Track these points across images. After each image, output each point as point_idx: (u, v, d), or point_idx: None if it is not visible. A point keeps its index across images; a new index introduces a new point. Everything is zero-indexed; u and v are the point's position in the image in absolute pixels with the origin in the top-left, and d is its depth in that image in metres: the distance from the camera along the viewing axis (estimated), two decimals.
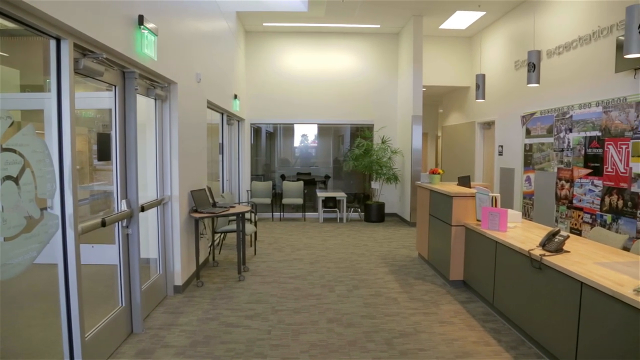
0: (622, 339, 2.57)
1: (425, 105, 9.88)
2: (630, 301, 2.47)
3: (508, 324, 4.11)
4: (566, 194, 6.51)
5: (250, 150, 10.38)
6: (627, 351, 2.53)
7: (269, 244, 7.54)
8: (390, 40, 10.36)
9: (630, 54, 3.95)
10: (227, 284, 5.29)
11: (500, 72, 8.86)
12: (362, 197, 10.76)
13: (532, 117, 7.51)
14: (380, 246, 7.40)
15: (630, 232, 5.24)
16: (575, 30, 6.44)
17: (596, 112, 5.87)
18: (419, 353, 3.54)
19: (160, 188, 4.70)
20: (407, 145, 9.54)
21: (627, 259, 3.31)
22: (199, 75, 5.55)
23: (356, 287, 5.19)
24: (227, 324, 4.08)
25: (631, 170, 5.28)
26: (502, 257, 4.12)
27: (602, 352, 2.74)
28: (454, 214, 5.10)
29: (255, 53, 10.15)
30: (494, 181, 9.08)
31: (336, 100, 10.35)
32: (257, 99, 10.18)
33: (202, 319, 4.18)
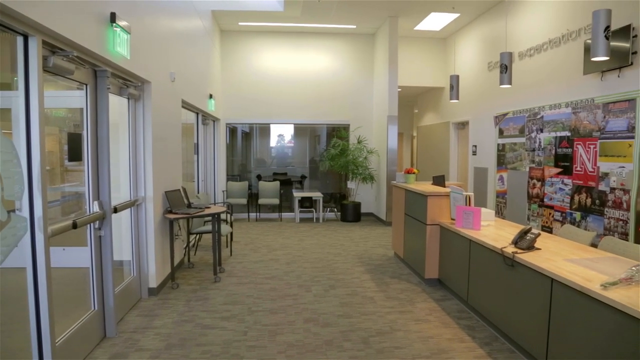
0: (590, 333, 2.64)
1: (400, 106, 9.97)
2: (598, 296, 2.54)
3: (482, 321, 4.17)
4: (537, 192, 6.65)
5: (226, 150, 10.30)
6: (595, 345, 2.61)
7: (245, 244, 7.50)
8: (366, 40, 10.42)
9: (596, 56, 4.06)
10: (202, 285, 5.23)
11: (474, 73, 9.00)
12: (338, 197, 10.79)
13: (504, 118, 7.66)
14: (356, 246, 7.43)
15: (597, 229, 5.39)
16: (545, 33, 6.59)
17: (566, 112, 6.02)
18: (395, 351, 3.57)
19: (134, 189, 4.63)
20: (382, 145, 9.61)
21: (595, 255, 3.40)
22: (173, 74, 5.48)
23: (332, 287, 5.21)
24: (203, 326, 4.04)
25: (599, 169, 5.43)
26: (476, 255, 4.19)
27: (572, 346, 2.81)
28: (429, 213, 5.16)
29: (231, 52, 10.08)
30: (468, 180, 9.23)
31: (312, 100, 10.35)
32: (232, 99, 10.11)
33: (177, 321, 4.13)
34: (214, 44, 8.86)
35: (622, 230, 5.08)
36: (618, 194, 5.15)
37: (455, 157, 10.34)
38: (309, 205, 10.06)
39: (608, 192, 5.29)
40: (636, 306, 2.29)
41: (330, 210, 10.62)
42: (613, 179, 5.22)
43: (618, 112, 5.15)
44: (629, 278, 2.65)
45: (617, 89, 5.23)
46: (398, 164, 9.68)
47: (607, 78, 5.38)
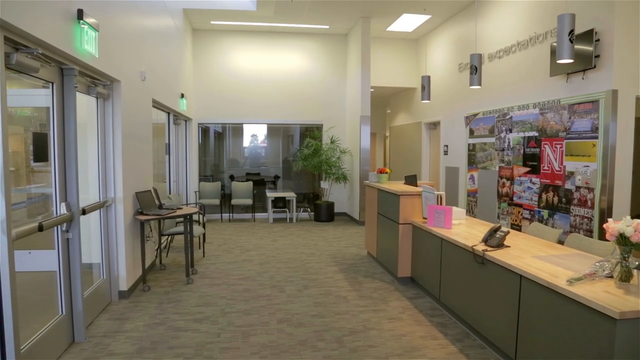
0: (557, 327, 2.72)
1: (373, 106, 10.05)
2: (564, 291, 2.62)
3: (454, 318, 4.24)
4: (507, 191, 6.80)
5: (198, 150, 10.18)
6: (562, 338, 2.68)
7: (218, 245, 7.43)
8: (339, 41, 10.45)
9: (562, 59, 4.17)
10: (175, 287, 5.16)
11: (445, 74, 9.14)
12: (311, 197, 10.80)
13: (475, 118, 7.80)
14: (329, 245, 7.45)
15: (564, 227, 5.54)
16: (514, 36, 6.74)
17: (533, 113, 6.17)
18: (368, 350, 3.60)
19: (103, 190, 4.53)
20: (355, 145, 9.66)
21: (561, 252, 3.50)
22: (143, 73, 5.39)
23: (306, 287, 5.21)
24: (175, 328, 3.99)
25: (565, 168, 5.58)
26: (448, 253, 4.25)
27: (540, 341, 2.89)
28: (401, 212, 5.21)
29: (203, 51, 9.97)
30: (440, 180, 9.36)
31: (285, 100, 10.33)
32: (205, 99, 10.00)
33: (148, 324, 4.06)
34: (185, 42, 8.75)
35: (587, 227, 5.24)
36: (583, 193, 5.31)
37: (427, 157, 10.48)
38: (282, 205, 10.04)
39: (574, 191, 5.44)
40: (599, 300, 2.37)
41: (304, 210, 10.61)
42: (578, 178, 5.37)
43: (583, 113, 5.31)
44: (593, 273, 2.73)
45: (582, 90, 5.39)
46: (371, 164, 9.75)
47: (572, 80, 5.54)
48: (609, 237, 2.62)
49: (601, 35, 5.11)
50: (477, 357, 3.47)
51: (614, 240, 2.63)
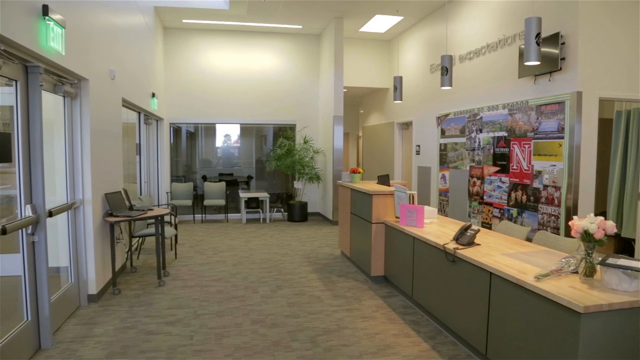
0: (526, 322, 2.78)
1: (346, 106, 10.10)
2: (532, 287, 2.68)
3: (426, 316, 4.29)
4: (478, 190, 6.92)
5: (170, 150, 10.04)
6: (531, 333, 2.74)
7: (190, 246, 7.34)
8: (312, 41, 10.46)
9: (529, 61, 4.27)
10: (146, 290, 5.08)
11: (417, 75, 9.24)
12: (285, 197, 10.77)
13: (446, 118, 7.91)
14: (303, 245, 7.45)
15: (532, 224, 5.68)
16: (483, 38, 6.87)
17: (503, 114, 6.30)
18: (342, 349, 3.61)
19: (71, 191, 4.42)
20: (328, 145, 9.68)
21: (529, 249, 3.58)
22: (113, 71, 5.28)
23: (280, 287, 5.19)
24: (147, 332, 3.92)
25: (533, 167, 5.72)
26: (420, 252, 4.30)
27: (510, 336, 2.95)
28: (374, 212, 5.25)
29: (175, 50, 9.83)
30: (412, 179, 9.47)
31: (259, 100, 10.28)
32: (176, 98, 9.87)
33: (119, 328, 3.98)
34: (156, 41, 8.61)
35: (554, 225, 5.38)
36: (550, 191, 5.45)
37: (400, 157, 10.58)
38: (255, 205, 9.99)
39: (541, 189, 5.58)
40: (565, 295, 2.43)
41: (277, 211, 10.58)
42: (546, 177, 5.51)
43: (550, 113, 5.45)
44: (559, 269, 2.81)
45: (549, 92, 5.53)
46: (344, 164, 9.79)
47: (540, 82, 5.68)
48: (574, 234, 2.70)
49: (566, 39, 5.26)
50: (449, 354, 3.53)
51: (578, 237, 2.71)
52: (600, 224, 2.61)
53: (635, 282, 2.50)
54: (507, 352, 2.97)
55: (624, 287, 2.51)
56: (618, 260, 2.56)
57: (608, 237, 2.68)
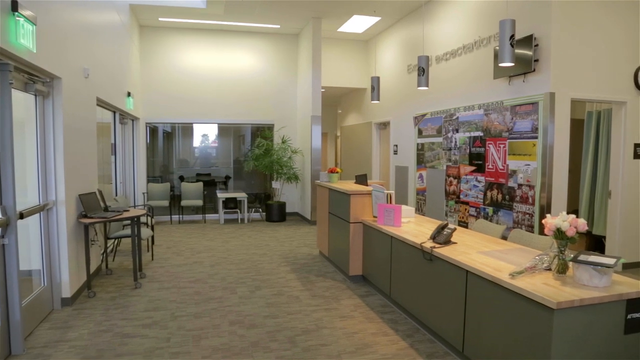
0: (502, 319, 2.83)
1: (324, 106, 10.12)
2: (507, 285, 2.73)
3: (404, 314, 4.33)
4: (454, 189, 7.01)
5: (146, 150, 9.90)
6: (506, 329, 2.79)
7: (167, 248, 7.25)
8: (290, 41, 10.44)
9: (503, 62, 4.34)
10: (122, 292, 5.00)
11: (394, 75, 9.31)
12: (263, 197, 10.73)
13: (423, 118, 7.99)
14: (281, 245, 7.43)
15: (507, 223, 5.78)
16: (460, 39, 6.96)
17: (478, 114, 6.39)
18: (321, 349, 3.61)
19: (44, 192, 4.32)
20: (307, 145, 9.68)
21: (504, 247, 3.65)
22: (87, 70, 5.18)
23: (258, 288, 5.17)
24: (123, 335, 3.86)
25: (508, 167, 5.82)
26: (397, 251, 4.33)
27: (486, 332, 3.00)
28: (352, 212, 5.27)
29: (151, 49, 9.69)
30: (390, 179, 9.54)
31: (236, 99, 10.22)
32: (153, 97, 9.74)
33: (94, 332, 3.91)
34: (132, 39, 8.48)
35: (529, 223, 5.48)
36: (525, 190, 5.55)
37: (378, 157, 10.65)
38: (233, 206, 9.92)
39: (516, 188, 5.69)
40: (538, 292, 2.48)
41: (255, 211, 10.54)
42: (520, 176, 5.62)
43: (524, 114, 5.56)
44: (533, 267, 2.86)
45: (523, 92, 5.63)
46: (322, 164, 9.80)
47: (514, 83, 5.78)
48: (547, 231, 2.76)
49: (540, 41, 5.37)
50: (426, 352, 3.56)
51: (551, 235, 2.76)
52: (572, 222, 2.67)
53: (605, 277, 2.57)
54: (483, 349, 3.02)
55: (595, 282, 2.57)
56: (589, 257, 2.62)
57: (580, 235, 2.74)
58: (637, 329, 2.56)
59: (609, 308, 2.49)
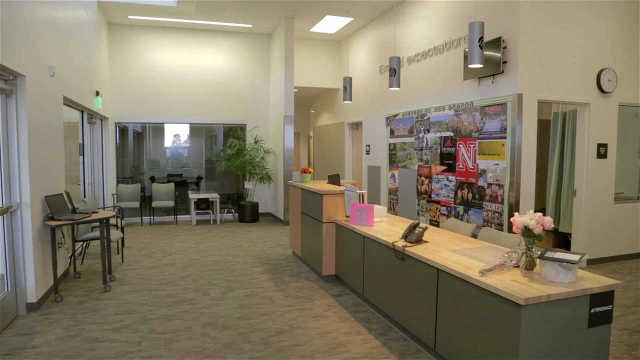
0: (472, 316, 2.88)
1: (297, 106, 10.10)
2: (476, 282, 2.78)
3: (377, 313, 4.36)
4: (426, 189, 7.10)
5: (116, 151, 9.70)
6: (477, 326, 2.85)
7: (138, 250, 7.12)
8: (262, 40, 10.40)
9: (473, 64, 4.42)
10: (91, 296, 4.89)
11: (367, 76, 9.38)
12: (235, 198, 10.66)
13: (395, 119, 8.07)
14: (254, 246, 7.40)
15: (478, 221, 5.89)
16: (431, 40, 7.05)
17: (449, 114, 6.49)
18: (294, 349, 3.61)
19: (7, 194, 4.18)
20: (279, 145, 9.66)
21: (474, 245, 3.72)
22: (53, 68, 5.04)
23: (231, 289, 5.13)
24: (92, 340, 3.77)
25: (478, 166, 5.93)
26: (370, 250, 4.37)
27: (457, 329, 3.05)
28: (324, 212, 5.28)
29: (121, 47, 9.50)
30: (362, 179, 9.59)
31: (208, 99, 10.12)
32: (123, 97, 9.55)
33: (61, 337, 3.81)
34: (100, 37, 8.30)
35: (498, 221, 5.60)
36: (494, 189, 5.67)
37: (350, 156, 10.70)
38: (205, 206, 9.82)
39: (486, 187, 5.80)
40: (507, 289, 2.54)
41: (228, 212, 10.46)
42: (490, 175, 5.73)
43: (493, 114, 5.67)
44: (502, 264, 2.93)
45: (492, 94, 5.75)
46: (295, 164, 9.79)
47: (483, 84, 5.90)
48: (515, 229, 2.82)
49: (508, 43, 5.49)
50: (399, 350, 3.60)
51: (519, 233, 2.83)
52: (539, 220, 2.74)
53: (571, 273, 2.64)
54: (455, 345, 3.07)
55: (561, 278, 2.64)
56: (555, 254, 2.70)
57: (547, 232, 2.82)
58: (600, 322, 2.65)
59: (573, 303, 2.57)
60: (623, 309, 4.52)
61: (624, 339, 3.82)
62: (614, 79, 6.01)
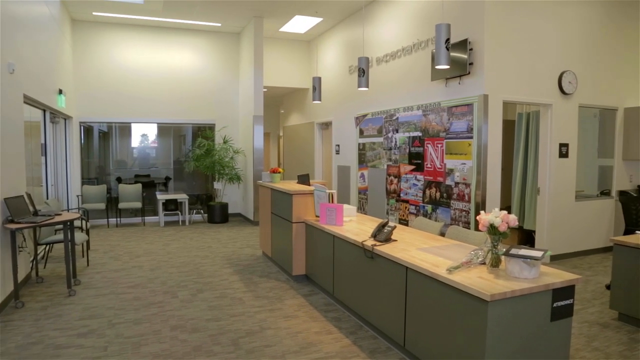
0: (440, 313, 2.93)
1: (266, 106, 10.06)
2: (444, 279, 2.83)
3: (348, 312, 4.39)
4: (395, 188, 7.18)
5: (81, 151, 9.45)
6: (444, 322, 2.89)
7: (104, 252, 6.96)
8: (231, 39, 10.31)
9: (439, 65, 4.49)
10: (54, 301, 4.74)
11: (336, 76, 9.41)
12: (204, 198, 10.53)
13: (364, 119, 8.13)
14: (224, 247, 7.33)
15: (446, 220, 5.99)
16: (399, 41, 7.13)
17: (417, 115, 6.58)
18: (265, 350, 3.59)
19: None
20: (249, 145, 9.59)
21: (442, 243, 3.78)
22: (11, 65, 4.87)
23: (200, 291, 5.07)
24: (55, 346, 3.66)
25: (445, 166, 6.03)
26: (340, 250, 4.38)
27: (426, 326, 3.09)
28: (294, 211, 5.28)
29: (86, 45, 9.25)
30: (332, 178, 9.63)
31: (177, 99, 9.96)
32: (87, 96, 9.30)
33: (22, 345, 3.69)
34: (63, 34, 8.06)
35: (465, 219, 5.71)
36: (461, 188, 5.77)
37: (320, 156, 10.72)
38: (174, 207, 9.67)
39: (453, 186, 5.90)
40: (474, 285, 2.60)
41: (197, 212, 10.33)
42: (457, 175, 5.83)
43: (460, 115, 5.78)
44: (469, 261, 2.99)
45: (459, 94, 5.86)
46: (265, 164, 9.75)
47: (450, 85, 6.00)
48: (481, 227, 2.89)
49: (474, 45, 5.60)
50: (369, 348, 3.63)
51: (485, 231, 2.89)
52: (503, 218, 2.81)
53: (534, 269, 2.72)
54: (423, 342, 3.12)
55: (525, 274, 2.72)
56: (520, 251, 2.77)
57: (512, 229, 2.89)
58: (562, 315, 2.74)
59: (537, 298, 2.64)
60: (583, 303, 4.68)
61: (584, 331, 3.95)
62: (574, 81, 6.21)
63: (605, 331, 3.98)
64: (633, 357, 3.50)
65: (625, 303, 4.11)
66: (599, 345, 3.70)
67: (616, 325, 4.12)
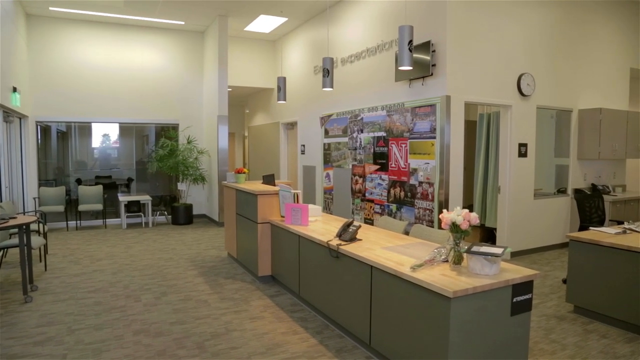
0: (405, 310, 2.97)
1: (231, 106, 9.97)
2: (408, 277, 2.87)
3: (314, 312, 4.39)
4: (360, 188, 7.24)
5: (38, 152, 9.11)
6: (410, 319, 2.94)
7: (63, 256, 6.74)
8: (195, 38, 10.16)
9: (403, 66, 4.56)
10: (8, 308, 4.56)
11: (301, 76, 9.41)
12: (168, 200, 10.35)
13: (329, 119, 8.16)
14: (189, 249, 7.22)
15: (410, 219, 6.08)
16: (364, 42, 7.19)
17: (382, 115, 6.66)
18: (231, 352, 3.56)
19: None
20: (213, 145, 9.48)
21: (406, 242, 3.83)
22: None
23: (164, 294, 4.98)
24: (10, 356, 3.52)
25: (409, 165, 6.12)
26: (305, 250, 4.39)
27: (391, 324, 3.13)
28: (259, 212, 5.25)
29: (42, 41, 8.93)
30: (298, 178, 9.62)
31: (139, 98, 9.74)
32: (45, 94, 8.98)
33: None
34: (17, 29, 7.76)
35: (429, 218, 5.81)
36: (425, 187, 5.87)
37: (286, 156, 10.70)
38: (136, 209, 9.46)
39: (417, 186, 6.00)
40: (437, 283, 2.64)
41: (161, 214, 10.13)
42: (421, 174, 5.93)
43: (423, 115, 5.87)
44: (432, 259, 3.04)
45: (422, 95, 5.95)
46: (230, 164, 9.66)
47: (414, 85, 6.10)
48: (444, 226, 2.94)
49: (437, 47, 5.71)
50: (336, 347, 3.65)
51: (448, 229, 2.95)
52: (465, 216, 2.87)
53: (495, 266, 2.79)
54: (389, 339, 3.16)
55: (486, 271, 2.79)
56: (481, 248, 2.84)
57: (474, 227, 2.96)
58: (521, 310, 2.82)
59: (498, 293, 2.72)
60: (542, 297, 4.84)
61: (542, 325, 4.09)
62: (532, 83, 6.41)
63: (562, 323, 4.13)
64: (587, 347, 3.65)
65: (580, 296, 4.28)
66: (556, 337, 3.84)
67: (572, 317, 4.28)
